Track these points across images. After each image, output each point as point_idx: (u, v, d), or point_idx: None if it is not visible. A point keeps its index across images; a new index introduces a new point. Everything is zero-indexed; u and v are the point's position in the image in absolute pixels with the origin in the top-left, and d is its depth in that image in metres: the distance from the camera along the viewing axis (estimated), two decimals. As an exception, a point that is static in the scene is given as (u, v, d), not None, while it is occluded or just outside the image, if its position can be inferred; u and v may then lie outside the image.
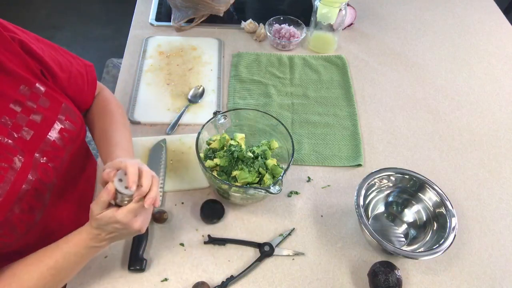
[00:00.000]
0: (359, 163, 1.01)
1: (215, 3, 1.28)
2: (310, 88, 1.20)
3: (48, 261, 0.66)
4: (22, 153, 0.66)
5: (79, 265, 0.70)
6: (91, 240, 0.67)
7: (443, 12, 1.51)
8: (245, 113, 0.95)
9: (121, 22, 2.91)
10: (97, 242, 0.68)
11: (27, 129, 0.68)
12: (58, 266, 0.66)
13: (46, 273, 0.65)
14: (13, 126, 0.66)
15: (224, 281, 0.80)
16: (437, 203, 0.87)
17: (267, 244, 0.86)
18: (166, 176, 0.95)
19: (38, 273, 0.65)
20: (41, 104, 0.70)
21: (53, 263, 0.66)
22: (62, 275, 0.68)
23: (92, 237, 0.67)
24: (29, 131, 0.68)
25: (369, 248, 0.88)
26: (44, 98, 0.71)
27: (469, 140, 1.11)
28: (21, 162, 0.66)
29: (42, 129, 0.70)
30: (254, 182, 0.87)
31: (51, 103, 0.72)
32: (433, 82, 1.25)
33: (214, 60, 1.24)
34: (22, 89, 0.68)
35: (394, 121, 1.13)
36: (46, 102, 0.71)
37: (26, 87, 0.68)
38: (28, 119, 0.68)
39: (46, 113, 0.71)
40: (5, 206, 0.64)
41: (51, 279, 0.66)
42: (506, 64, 1.33)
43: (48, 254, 0.66)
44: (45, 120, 0.71)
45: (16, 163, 0.66)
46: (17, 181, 0.65)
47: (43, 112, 0.70)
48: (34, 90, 0.69)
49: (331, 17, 1.22)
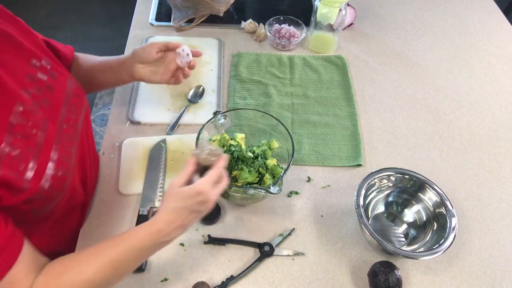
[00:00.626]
0: (359, 163, 1.01)
1: (215, 3, 1.28)
2: (310, 88, 1.20)
3: (110, 253, 0.64)
4: (46, 120, 0.68)
5: (141, 260, 0.69)
6: (160, 233, 0.66)
7: (443, 12, 1.51)
8: (245, 113, 0.95)
9: (121, 22, 2.91)
10: (165, 235, 0.66)
11: (44, 99, 0.70)
12: (121, 259, 0.64)
13: (106, 265, 0.63)
14: (32, 96, 0.68)
15: (224, 281, 0.80)
16: (437, 203, 0.87)
17: (267, 244, 0.86)
18: (166, 176, 0.95)
19: (98, 264, 0.63)
20: (50, 76, 0.73)
21: (115, 255, 0.64)
22: (123, 269, 0.66)
23: (163, 227, 0.66)
24: (47, 101, 0.71)
25: (369, 248, 0.88)
26: (52, 71, 0.74)
27: (469, 140, 1.11)
28: (47, 128, 0.68)
29: (57, 99, 0.73)
30: (254, 182, 0.87)
31: (59, 75, 0.76)
32: (433, 82, 1.25)
33: (214, 60, 1.24)
34: (33, 62, 0.71)
35: (394, 121, 1.13)
36: (54, 74, 0.75)
37: (36, 60, 0.72)
38: (43, 90, 0.71)
39: (56, 85, 0.74)
40: (42, 168, 0.64)
41: (112, 271, 0.64)
42: (506, 64, 1.33)
43: (111, 246, 0.65)
44: (57, 90, 0.74)
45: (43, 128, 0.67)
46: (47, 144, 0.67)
47: (53, 83, 0.74)
48: (42, 64, 0.73)
49: (331, 17, 1.22)
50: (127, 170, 0.96)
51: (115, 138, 1.03)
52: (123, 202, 0.91)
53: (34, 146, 0.64)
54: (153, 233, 0.66)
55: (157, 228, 0.66)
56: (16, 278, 0.58)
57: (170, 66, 0.93)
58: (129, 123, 1.07)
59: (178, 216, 0.67)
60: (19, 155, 0.61)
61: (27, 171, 0.61)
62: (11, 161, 0.59)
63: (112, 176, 0.96)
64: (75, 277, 0.61)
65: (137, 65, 0.90)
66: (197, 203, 0.67)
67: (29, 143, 0.63)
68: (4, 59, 0.65)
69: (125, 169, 0.96)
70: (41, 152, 0.65)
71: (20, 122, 0.62)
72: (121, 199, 0.92)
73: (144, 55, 0.89)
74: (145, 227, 0.66)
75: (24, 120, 0.63)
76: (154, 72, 0.93)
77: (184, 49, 0.91)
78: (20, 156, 0.61)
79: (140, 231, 0.66)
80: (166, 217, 0.67)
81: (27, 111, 0.64)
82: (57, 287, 0.60)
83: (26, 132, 0.63)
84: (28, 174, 0.62)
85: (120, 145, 1.01)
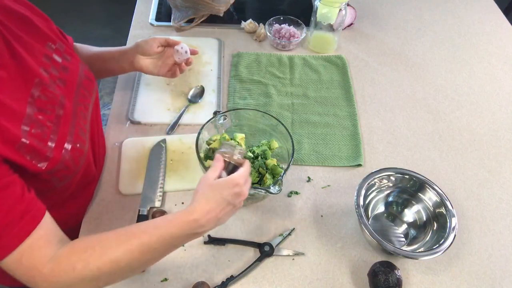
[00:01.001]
0: (359, 163, 1.01)
1: (215, 3, 1.28)
2: (310, 88, 1.20)
3: (142, 236, 0.63)
4: (63, 97, 0.73)
5: (170, 249, 0.67)
6: (195, 222, 0.65)
7: (443, 12, 1.51)
8: (245, 113, 0.95)
9: (121, 22, 2.91)
10: (199, 226, 0.66)
11: (60, 79, 0.75)
12: (151, 245, 0.63)
13: (136, 248, 0.62)
14: (50, 75, 0.72)
15: (224, 281, 0.80)
16: (437, 203, 0.87)
17: (267, 244, 0.86)
18: (166, 176, 0.95)
19: (127, 246, 0.62)
20: (64, 58, 0.78)
21: (147, 240, 0.63)
22: (151, 255, 0.64)
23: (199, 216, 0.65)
24: (63, 80, 0.75)
25: (369, 248, 0.88)
26: (65, 54, 0.79)
27: (469, 140, 1.11)
28: (64, 104, 0.72)
29: (71, 79, 0.78)
30: (254, 182, 0.87)
31: (72, 58, 0.80)
32: (433, 82, 1.25)
33: (214, 60, 1.24)
34: (49, 45, 0.75)
35: (394, 121, 1.13)
36: (67, 57, 0.79)
37: (51, 43, 0.76)
38: (59, 70, 0.75)
39: (70, 66, 0.79)
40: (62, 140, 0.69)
41: (139, 256, 0.62)
42: (506, 64, 1.33)
43: (144, 229, 0.64)
44: (71, 72, 0.78)
45: (61, 104, 0.72)
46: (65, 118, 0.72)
47: (67, 65, 0.78)
48: (57, 47, 0.77)
49: (331, 17, 1.22)
50: (127, 170, 0.96)
51: (115, 138, 1.03)
52: (123, 202, 0.91)
53: (54, 119, 0.69)
54: (189, 222, 0.65)
55: (193, 217, 0.65)
56: (37, 244, 0.59)
57: (168, 61, 1.00)
58: (129, 123, 1.07)
59: (216, 206, 0.67)
60: (41, 127, 0.65)
61: (49, 141, 0.66)
62: (36, 130, 0.64)
63: (112, 176, 0.96)
64: (101, 254, 0.60)
65: (138, 56, 0.97)
66: (233, 195, 0.68)
67: (49, 117, 0.68)
68: (24, 40, 0.69)
69: (125, 169, 0.96)
70: (59, 125, 0.69)
71: (40, 97, 0.67)
72: (121, 199, 0.92)
73: (146, 47, 0.96)
74: (181, 215, 0.66)
75: (43, 96, 0.68)
76: (153, 64, 1.00)
77: (182, 47, 0.98)
78: (42, 128, 0.65)
79: (175, 219, 0.65)
80: (203, 206, 0.66)
81: (46, 88, 0.69)
82: (81, 261, 0.60)
83: (45, 107, 0.68)
84: (50, 144, 0.66)
85: (120, 145, 1.01)
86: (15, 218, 0.57)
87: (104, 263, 0.60)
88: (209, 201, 0.67)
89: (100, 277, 0.61)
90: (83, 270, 0.59)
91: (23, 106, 0.63)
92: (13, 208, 0.57)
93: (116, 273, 0.62)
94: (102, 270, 0.60)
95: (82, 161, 0.76)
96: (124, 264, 0.62)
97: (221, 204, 0.67)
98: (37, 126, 0.64)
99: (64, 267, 0.59)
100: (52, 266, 0.59)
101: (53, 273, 0.59)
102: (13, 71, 0.64)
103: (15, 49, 0.66)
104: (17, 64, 0.65)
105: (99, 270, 0.60)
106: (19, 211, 0.58)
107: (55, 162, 0.66)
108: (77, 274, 0.59)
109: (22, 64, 0.66)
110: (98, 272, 0.60)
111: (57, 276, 0.59)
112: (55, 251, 0.60)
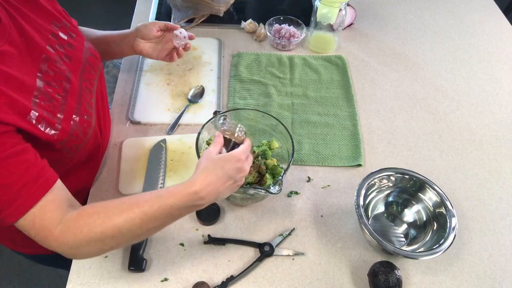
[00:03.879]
0: (359, 163, 1.01)
1: (215, 3, 1.28)
2: (310, 88, 1.20)
3: (143, 205, 0.66)
4: (69, 72, 0.76)
5: (170, 220, 0.70)
6: (195, 194, 0.67)
7: (443, 12, 1.51)
8: (245, 113, 0.95)
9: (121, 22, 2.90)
10: (199, 198, 0.68)
11: (67, 55, 0.78)
12: (153, 214, 0.66)
13: (137, 216, 0.65)
14: (56, 51, 0.75)
15: (224, 281, 0.80)
16: (437, 203, 0.87)
17: (267, 244, 0.86)
18: (166, 176, 0.95)
19: (129, 213, 0.65)
20: (69, 36, 0.81)
21: (148, 209, 0.66)
22: (152, 223, 0.67)
23: (199, 188, 0.67)
24: (69, 56, 0.78)
25: (369, 248, 0.88)
26: (70, 32, 0.82)
27: (469, 140, 1.11)
28: (70, 78, 0.76)
29: (77, 55, 0.81)
30: (254, 182, 0.87)
31: (77, 36, 0.83)
32: (433, 82, 1.25)
33: (214, 60, 1.24)
34: (54, 23, 0.78)
35: (394, 121, 1.13)
36: (72, 34, 0.82)
37: (56, 21, 0.79)
38: (64, 47, 0.78)
39: (75, 44, 0.82)
40: (70, 112, 0.73)
41: (140, 223, 0.66)
42: (506, 64, 1.33)
43: (146, 199, 0.67)
44: (77, 49, 0.81)
45: (67, 78, 0.75)
46: (73, 91, 0.75)
47: (73, 42, 0.81)
48: (62, 25, 0.80)
49: (331, 17, 1.22)
50: (127, 170, 0.96)
51: (115, 138, 1.03)
52: (123, 202, 0.91)
53: (61, 92, 0.72)
54: (189, 194, 0.67)
55: (193, 189, 0.67)
56: (48, 207, 0.63)
57: (167, 45, 1.04)
58: (129, 123, 1.07)
59: (217, 180, 0.69)
60: (51, 99, 0.69)
61: (58, 113, 0.70)
62: (46, 103, 0.68)
63: (112, 176, 0.96)
64: (105, 220, 0.65)
65: (138, 40, 1.00)
66: (234, 170, 0.70)
67: (57, 90, 0.71)
68: (30, 18, 0.72)
69: (125, 169, 0.96)
70: (67, 98, 0.73)
71: (48, 72, 0.71)
72: (121, 199, 0.92)
73: (145, 31, 0.99)
74: (182, 186, 0.68)
75: (51, 71, 0.71)
76: (152, 48, 1.03)
77: (181, 31, 1.01)
78: (51, 100, 0.69)
79: (176, 190, 0.68)
80: (203, 179, 0.68)
81: (53, 63, 0.72)
82: (86, 225, 0.64)
83: (53, 81, 0.71)
84: (60, 115, 0.70)
85: (120, 145, 1.01)
86: (29, 181, 0.62)
87: (107, 228, 0.64)
88: (210, 174, 0.69)
89: (104, 240, 0.65)
90: (89, 233, 0.64)
91: (33, 80, 0.67)
92: (27, 172, 0.62)
93: (118, 237, 0.66)
94: (105, 234, 0.64)
95: (91, 132, 0.80)
96: (125, 230, 0.65)
97: (222, 178, 0.69)
98: (47, 98, 0.68)
99: (73, 230, 0.64)
100: (62, 228, 0.64)
101: (63, 234, 0.63)
102: (22, 48, 0.67)
103: (23, 27, 0.69)
104: (24, 40, 0.68)
105: (102, 234, 0.64)
106: (33, 175, 0.62)
107: (65, 132, 0.71)
108: (83, 237, 0.64)
109: (29, 41, 0.69)
110: (102, 235, 0.64)
111: (67, 237, 0.64)
112: (65, 215, 0.65)
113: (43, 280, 1.78)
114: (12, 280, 1.77)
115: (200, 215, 0.88)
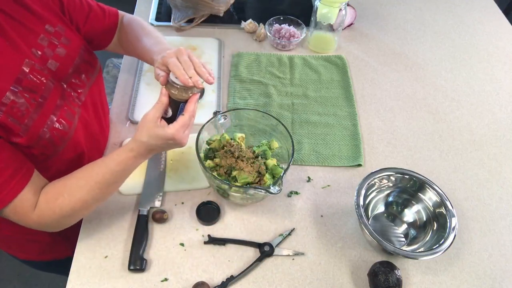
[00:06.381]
0: (359, 163, 1.01)
1: (215, 3, 1.28)
2: (310, 88, 1.20)
3: (96, 177, 0.74)
4: (52, 79, 0.76)
5: (125, 178, 0.79)
6: (139, 157, 0.76)
7: (443, 12, 1.51)
8: (245, 113, 0.95)
9: (121, 22, 2.90)
10: (143, 158, 0.77)
11: (53, 61, 0.77)
12: (105, 181, 0.75)
13: (94, 186, 0.74)
14: (41, 57, 0.75)
15: (224, 281, 0.80)
16: (437, 203, 0.87)
17: (267, 244, 0.86)
18: (166, 176, 0.95)
19: (87, 186, 0.74)
20: (63, 42, 0.80)
21: (101, 178, 0.74)
22: (110, 188, 0.77)
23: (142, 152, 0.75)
24: (55, 63, 0.78)
25: (369, 248, 0.88)
26: (65, 37, 0.81)
27: (469, 140, 1.11)
28: (52, 86, 0.76)
29: (66, 63, 0.80)
30: (254, 182, 0.87)
31: (72, 42, 0.82)
32: (433, 82, 1.25)
33: (214, 60, 1.24)
34: (47, 28, 0.77)
35: (394, 121, 1.13)
36: (67, 40, 0.81)
37: (50, 26, 0.78)
38: (54, 53, 0.78)
39: (68, 50, 0.81)
40: (43, 119, 0.73)
41: (99, 191, 0.75)
42: (506, 64, 1.33)
43: (97, 171, 0.75)
44: (68, 55, 0.81)
45: (49, 85, 0.75)
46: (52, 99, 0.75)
47: (65, 48, 0.80)
48: (57, 29, 0.79)
49: (331, 17, 1.22)
50: (127, 170, 0.96)
51: (115, 138, 1.03)
52: (123, 202, 0.91)
53: (38, 98, 0.72)
54: (130, 158, 0.75)
55: (133, 154, 0.75)
56: (26, 197, 0.70)
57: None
58: (129, 123, 1.07)
59: (151, 149, 0.76)
60: (23, 104, 0.69)
61: (26, 119, 0.70)
62: (13, 108, 0.68)
63: (112, 176, 0.96)
64: (70, 199, 0.73)
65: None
66: (167, 145, 0.76)
67: (34, 96, 0.72)
68: (16, 24, 0.72)
69: (125, 169, 0.96)
70: (44, 105, 0.73)
71: (28, 77, 0.71)
72: (121, 199, 0.92)
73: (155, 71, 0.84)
74: (123, 153, 0.75)
75: (31, 76, 0.72)
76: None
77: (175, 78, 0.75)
78: (23, 106, 0.70)
79: (119, 157, 0.75)
80: (139, 146, 0.75)
81: (35, 69, 0.73)
82: (57, 207, 0.72)
83: (32, 86, 0.72)
84: (28, 122, 0.70)
85: (120, 145, 1.01)
86: (11, 175, 0.68)
87: (75, 203, 0.73)
88: (144, 144, 0.74)
89: (77, 212, 0.75)
90: (61, 212, 0.73)
91: (7, 84, 0.68)
92: (7, 168, 0.67)
93: (87, 207, 0.76)
94: (75, 209, 0.74)
95: (65, 142, 0.80)
96: (91, 200, 0.75)
97: (156, 149, 0.77)
98: (17, 105, 0.69)
99: (47, 213, 0.72)
100: (37, 213, 0.72)
101: (40, 217, 0.72)
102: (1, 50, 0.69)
103: (6, 31, 0.70)
104: (5, 42, 0.69)
105: (73, 210, 0.74)
106: (10, 172, 0.68)
107: (31, 138, 0.71)
108: (58, 215, 0.73)
109: (12, 44, 0.70)
110: (73, 211, 0.74)
111: (44, 218, 0.72)
112: (37, 199, 0.72)
113: (43, 280, 1.78)
114: (12, 280, 1.77)
115: (200, 215, 0.88)
